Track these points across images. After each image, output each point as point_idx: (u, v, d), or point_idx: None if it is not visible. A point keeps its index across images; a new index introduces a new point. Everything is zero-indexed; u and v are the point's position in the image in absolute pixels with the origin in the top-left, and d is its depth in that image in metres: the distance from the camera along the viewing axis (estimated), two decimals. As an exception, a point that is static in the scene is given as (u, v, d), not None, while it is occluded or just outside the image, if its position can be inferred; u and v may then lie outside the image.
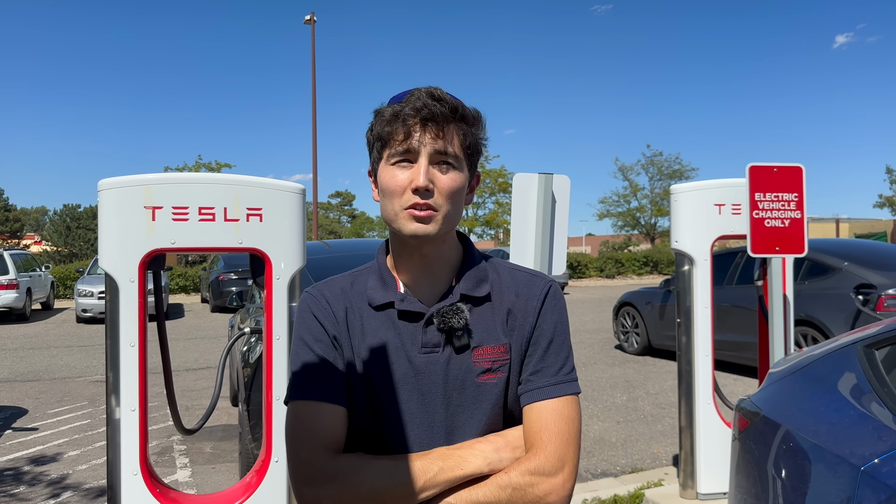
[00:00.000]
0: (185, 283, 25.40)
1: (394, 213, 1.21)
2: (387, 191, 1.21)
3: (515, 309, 1.26)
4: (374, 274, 1.31)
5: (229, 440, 6.02)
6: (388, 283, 1.28)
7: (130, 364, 2.80)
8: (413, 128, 1.18)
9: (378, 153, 1.25)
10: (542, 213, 3.27)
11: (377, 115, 1.26)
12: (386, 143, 1.22)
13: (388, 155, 1.21)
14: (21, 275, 16.78)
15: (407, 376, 1.22)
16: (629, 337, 10.75)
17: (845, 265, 7.45)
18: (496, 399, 1.23)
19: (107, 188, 2.77)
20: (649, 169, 49.80)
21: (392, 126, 1.20)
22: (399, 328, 1.24)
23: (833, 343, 2.43)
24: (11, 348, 12.14)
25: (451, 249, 1.29)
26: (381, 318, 1.25)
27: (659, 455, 5.58)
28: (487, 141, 1.29)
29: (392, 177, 1.20)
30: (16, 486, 4.95)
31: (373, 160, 1.29)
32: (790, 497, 2.14)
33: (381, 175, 1.23)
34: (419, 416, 1.22)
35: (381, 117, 1.23)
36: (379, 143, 1.24)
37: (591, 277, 33.65)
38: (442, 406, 1.22)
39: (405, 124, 1.19)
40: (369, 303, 1.26)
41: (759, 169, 3.71)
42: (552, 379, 1.23)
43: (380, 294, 1.26)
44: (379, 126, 1.23)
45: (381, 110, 1.25)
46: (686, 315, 4.13)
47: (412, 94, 1.21)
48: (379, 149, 1.24)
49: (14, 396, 8.10)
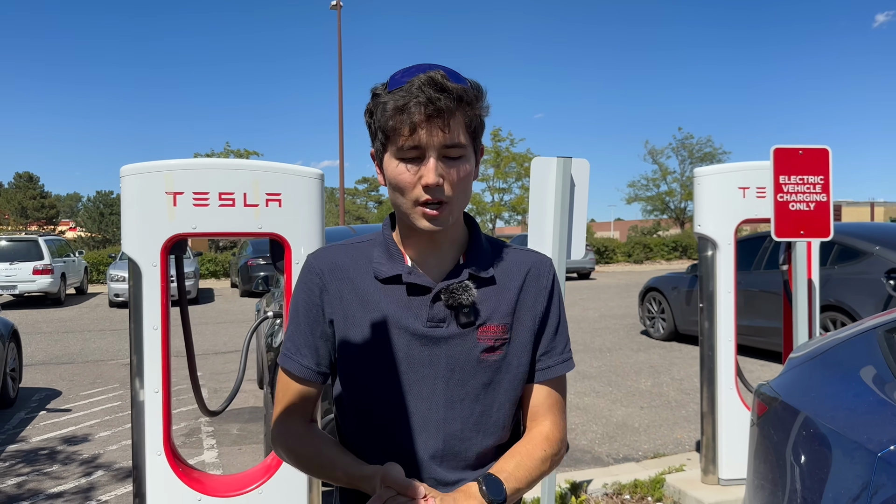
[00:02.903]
0: (215, 269, 25.77)
1: (406, 208, 1.21)
2: (396, 186, 1.20)
3: (524, 291, 1.31)
4: (378, 247, 1.30)
5: (255, 422, 6.12)
6: (395, 256, 1.28)
7: (154, 347, 2.85)
8: (419, 124, 1.14)
9: (381, 144, 1.22)
10: (561, 197, 3.25)
11: (376, 99, 1.21)
12: (390, 138, 1.18)
13: (395, 150, 1.18)
14: (55, 260, 17.16)
15: (409, 348, 1.24)
16: (655, 322, 10.66)
17: (876, 249, 7.30)
18: (494, 375, 1.28)
19: (129, 174, 2.82)
20: (680, 152, 49.06)
21: (396, 121, 1.16)
22: (404, 301, 1.25)
23: (854, 328, 2.39)
24: (47, 332, 12.44)
25: (459, 229, 1.31)
26: (385, 291, 1.26)
27: (682, 440, 5.55)
28: (489, 108, 1.25)
29: (400, 173, 1.19)
30: (49, 465, 5.09)
31: (376, 147, 1.25)
32: (807, 483, 2.12)
33: (388, 168, 1.21)
34: (418, 388, 1.25)
35: (382, 107, 1.18)
36: (382, 134, 1.20)
37: (618, 262, 33.41)
38: (442, 380, 1.25)
39: (411, 120, 1.14)
40: (375, 275, 1.27)
41: (784, 151, 3.65)
42: (560, 357, 1.34)
43: (386, 267, 1.27)
44: (381, 117, 1.18)
45: (381, 97, 1.19)
46: (709, 300, 4.09)
47: (413, 84, 1.15)
48: (382, 140, 1.21)
49: (49, 378, 8.32)
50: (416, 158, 1.17)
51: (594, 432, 5.83)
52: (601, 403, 6.76)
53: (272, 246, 3.07)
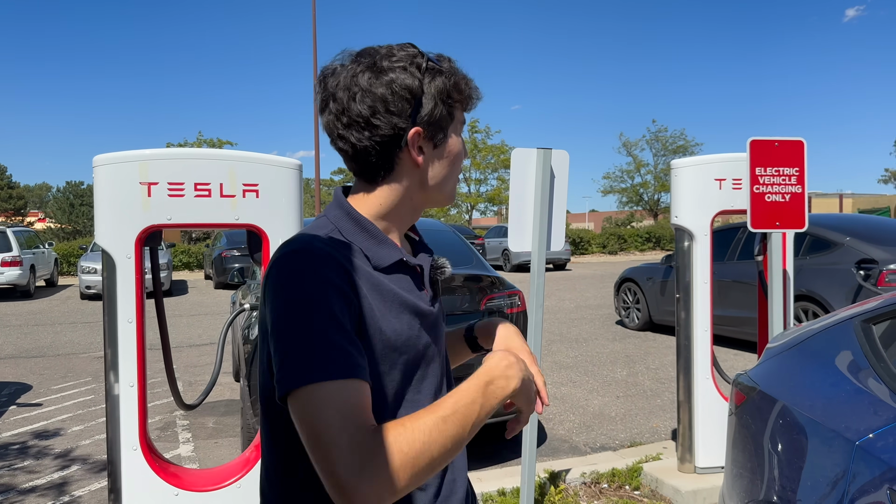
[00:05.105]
0: (188, 260, 25.46)
1: (455, 180, 1.23)
2: (459, 158, 1.21)
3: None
4: (359, 233, 1.15)
5: (231, 415, 6.07)
6: (384, 240, 1.16)
7: (128, 340, 2.80)
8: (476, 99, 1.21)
9: (449, 113, 1.15)
10: (541, 188, 3.25)
11: (446, 67, 1.16)
12: (462, 108, 1.19)
13: (461, 123, 1.20)
14: (24, 252, 16.83)
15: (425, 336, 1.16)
16: (630, 312, 10.76)
17: (847, 240, 7.42)
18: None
19: (102, 164, 2.76)
20: (654, 144, 49.53)
21: (469, 93, 1.19)
22: (409, 286, 1.17)
23: (831, 318, 2.42)
24: (16, 325, 12.21)
25: None
26: (390, 279, 1.14)
27: (658, 429, 5.61)
28: None
29: (461, 145, 1.21)
30: (21, 461, 5.00)
31: (439, 123, 1.15)
32: (785, 471, 2.15)
33: (456, 141, 1.19)
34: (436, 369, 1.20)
35: (461, 78, 1.17)
36: (450, 106, 1.16)
37: (593, 253, 33.63)
38: (443, 357, 1.25)
39: (475, 95, 1.20)
40: (376, 264, 1.13)
41: (760, 143, 3.68)
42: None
43: (384, 253, 1.15)
44: (465, 88, 1.18)
45: (451, 67, 1.17)
46: (685, 290, 4.12)
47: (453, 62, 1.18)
48: (451, 113, 1.16)
49: (18, 372, 8.16)
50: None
51: (571, 422, 5.86)
52: (578, 393, 6.80)
53: (249, 238, 3.03)
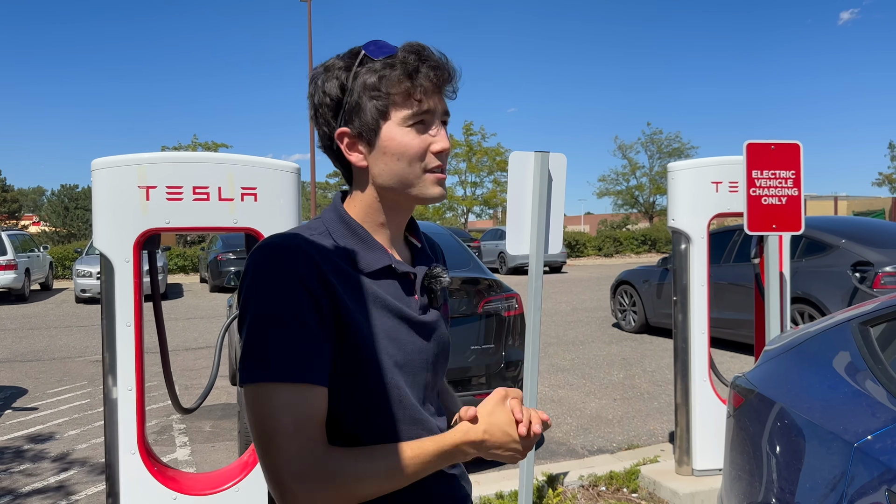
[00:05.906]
0: (183, 264, 25.39)
1: (414, 178, 1.16)
2: (406, 154, 1.15)
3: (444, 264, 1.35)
4: (349, 237, 1.17)
5: (229, 419, 6.05)
6: (372, 244, 1.18)
7: (127, 344, 2.80)
8: (432, 89, 1.14)
9: (379, 112, 1.14)
10: (539, 191, 3.26)
11: (364, 67, 1.14)
12: (395, 104, 1.13)
13: (401, 117, 1.14)
14: (19, 255, 16.76)
15: (411, 343, 1.17)
16: (626, 315, 10.77)
17: (842, 243, 7.45)
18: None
19: (100, 168, 2.76)
20: (649, 147, 49.71)
21: (405, 86, 1.12)
22: (396, 292, 1.18)
23: (828, 320, 2.43)
24: (11, 329, 12.17)
25: None
26: (377, 283, 1.16)
27: (655, 432, 5.61)
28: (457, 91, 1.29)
29: (412, 139, 1.14)
30: (17, 465, 4.98)
31: (365, 120, 1.15)
32: (784, 473, 2.16)
33: (393, 137, 1.14)
34: (420, 380, 1.20)
35: (378, 73, 1.13)
36: (379, 101, 1.13)
37: (589, 256, 33.66)
38: (430, 366, 1.22)
39: (423, 85, 1.13)
40: (363, 268, 1.15)
41: (757, 146, 3.69)
42: None
43: (371, 257, 1.16)
44: (384, 83, 1.13)
45: (372, 64, 1.14)
46: (682, 293, 4.13)
47: (411, 52, 1.13)
48: (381, 108, 1.14)
49: (14, 376, 8.13)
50: (419, 124, 1.15)
51: (569, 424, 5.87)
52: (575, 396, 6.81)
53: (248, 241, 3.03)
